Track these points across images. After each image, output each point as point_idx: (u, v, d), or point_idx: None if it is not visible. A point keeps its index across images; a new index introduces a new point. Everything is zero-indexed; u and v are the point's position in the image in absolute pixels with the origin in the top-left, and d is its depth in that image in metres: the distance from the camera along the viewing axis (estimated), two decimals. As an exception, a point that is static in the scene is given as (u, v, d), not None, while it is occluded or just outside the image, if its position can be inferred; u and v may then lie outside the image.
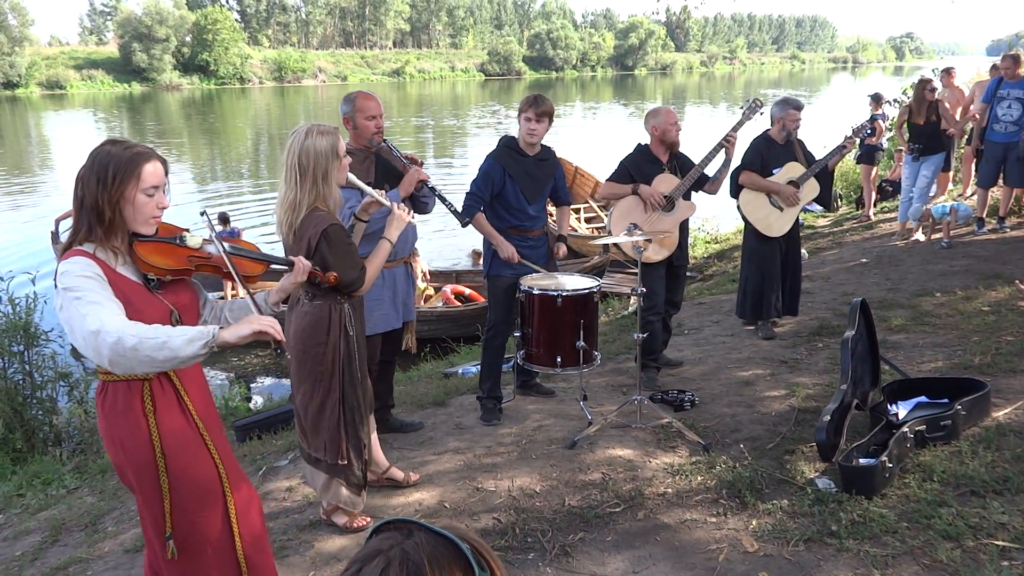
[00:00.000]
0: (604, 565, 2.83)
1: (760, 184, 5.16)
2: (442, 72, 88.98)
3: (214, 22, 66.61)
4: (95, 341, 1.93)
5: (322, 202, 2.80)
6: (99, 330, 1.92)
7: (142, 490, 2.20)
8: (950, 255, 7.10)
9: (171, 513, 2.21)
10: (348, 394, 2.97)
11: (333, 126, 2.86)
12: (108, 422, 2.16)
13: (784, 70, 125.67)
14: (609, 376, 4.97)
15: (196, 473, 2.22)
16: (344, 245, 2.82)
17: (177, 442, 2.18)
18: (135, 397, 2.14)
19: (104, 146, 2.10)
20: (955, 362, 4.45)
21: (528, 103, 4.01)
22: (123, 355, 1.92)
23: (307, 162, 2.74)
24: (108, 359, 1.95)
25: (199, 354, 1.98)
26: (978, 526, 2.77)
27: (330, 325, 2.90)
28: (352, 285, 2.86)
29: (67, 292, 1.99)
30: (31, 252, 11.80)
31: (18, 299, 5.40)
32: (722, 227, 11.55)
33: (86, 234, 2.08)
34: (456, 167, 20.58)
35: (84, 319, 1.94)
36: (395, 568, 0.85)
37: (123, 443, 2.15)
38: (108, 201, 2.05)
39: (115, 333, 1.92)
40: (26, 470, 4.73)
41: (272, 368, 7.74)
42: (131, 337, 1.92)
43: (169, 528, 2.22)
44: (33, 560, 3.43)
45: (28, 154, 25.40)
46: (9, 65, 55.75)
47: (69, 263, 2.04)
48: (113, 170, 2.04)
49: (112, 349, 1.92)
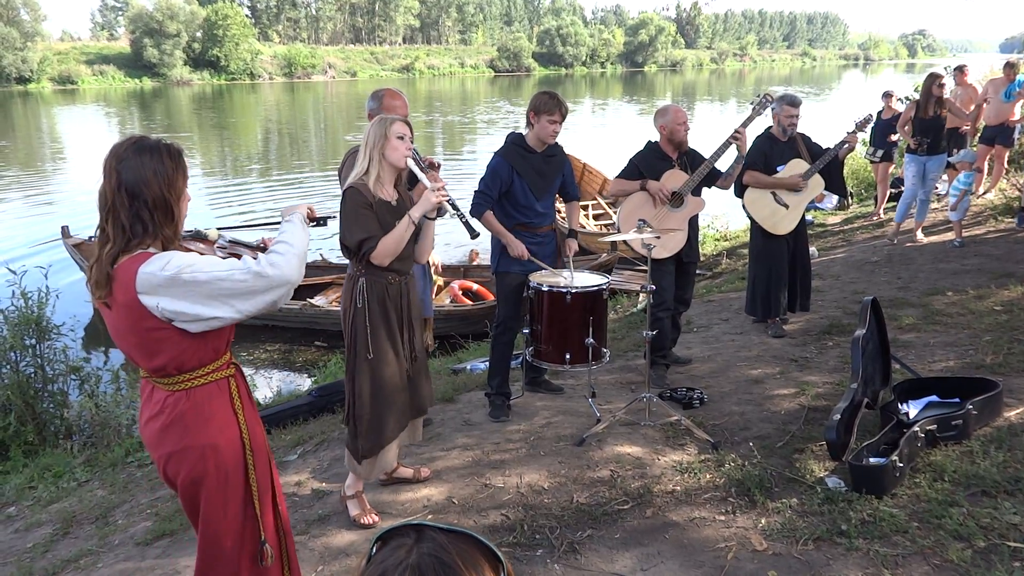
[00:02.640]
0: (612, 562, 2.83)
1: (764, 182, 5.16)
2: (451, 68, 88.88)
3: (225, 18, 66.74)
4: (272, 273, 1.94)
5: (364, 181, 3.03)
6: (268, 262, 1.95)
7: (231, 500, 2.09)
8: (962, 254, 7.05)
9: (262, 515, 2.15)
10: (359, 368, 3.09)
11: (396, 115, 3.15)
12: (192, 433, 2.03)
13: (795, 67, 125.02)
14: (618, 373, 4.97)
15: (264, 471, 2.19)
16: (352, 208, 3.00)
17: (257, 439, 2.14)
18: (223, 395, 2.08)
19: (137, 141, 1.97)
20: (967, 361, 4.42)
21: (552, 105, 3.95)
22: (300, 266, 2.01)
23: (365, 140, 3.07)
24: (290, 282, 1.97)
25: (308, 229, 2.15)
26: (989, 527, 2.76)
27: (349, 298, 3.11)
28: (361, 248, 3.01)
29: (185, 270, 1.88)
30: (43, 247, 11.86)
31: (30, 293, 5.43)
32: (732, 224, 11.49)
33: (147, 236, 1.94)
34: (465, 163, 20.58)
35: (237, 269, 1.92)
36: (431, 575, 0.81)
37: (216, 449, 2.04)
38: (174, 193, 1.97)
39: (276, 255, 1.97)
40: (37, 463, 4.76)
41: (280, 363, 7.76)
42: (285, 246, 2.01)
43: (263, 532, 2.16)
44: (44, 552, 3.45)
45: (40, 149, 25.51)
46: (21, 60, 56.01)
47: (162, 256, 1.91)
48: (169, 162, 1.96)
49: (289, 268, 1.97)
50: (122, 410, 5.31)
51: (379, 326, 3.10)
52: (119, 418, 5.23)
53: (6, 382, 5.21)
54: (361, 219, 3.00)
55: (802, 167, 5.17)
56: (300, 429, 4.67)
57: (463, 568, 0.82)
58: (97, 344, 8.30)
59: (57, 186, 17.81)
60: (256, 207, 14.83)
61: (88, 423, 5.38)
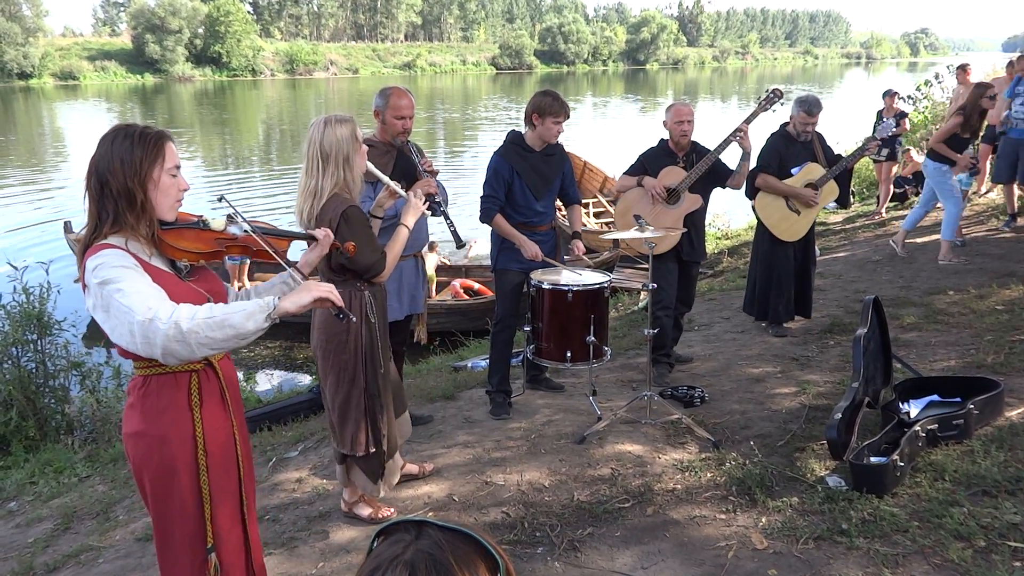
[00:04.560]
0: (613, 560, 2.83)
1: (777, 188, 5.02)
2: (453, 66, 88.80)
3: (226, 14, 66.69)
4: (146, 331, 1.78)
5: (344, 188, 2.82)
6: (152, 318, 1.77)
7: (175, 496, 2.04)
8: (963, 253, 7.03)
9: (212, 520, 2.08)
10: (371, 383, 2.98)
11: (349, 114, 2.88)
12: (147, 420, 2.01)
13: (797, 65, 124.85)
14: (619, 372, 4.97)
15: (226, 476, 2.11)
16: (363, 226, 2.84)
17: (216, 441, 2.08)
18: (181, 390, 2.03)
19: (119, 129, 1.97)
20: (968, 361, 4.42)
21: (556, 107, 3.94)
22: (180, 340, 1.78)
23: (329, 149, 2.77)
24: (162, 348, 1.79)
25: (261, 327, 1.86)
26: (990, 526, 2.76)
27: (360, 313, 2.93)
28: (372, 269, 2.88)
29: (105, 286, 1.84)
30: (44, 242, 11.88)
31: (32, 288, 5.43)
32: (733, 223, 11.49)
33: (112, 225, 1.93)
34: (466, 161, 20.56)
35: (131, 311, 1.79)
36: (423, 572, 0.81)
37: (164, 442, 2.00)
38: (139, 182, 1.92)
39: (168, 319, 1.78)
40: (38, 458, 4.77)
41: (281, 360, 7.77)
42: (186, 320, 1.78)
43: (211, 539, 2.08)
44: (45, 547, 3.46)
45: (42, 144, 25.52)
46: (23, 56, 55.99)
47: (101, 256, 1.88)
48: (139, 150, 1.93)
49: (167, 336, 1.77)
50: (123, 406, 5.29)
51: (385, 337, 3.07)
52: (120, 414, 5.23)
53: (8, 377, 5.22)
54: (372, 239, 2.89)
55: (818, 172, 5.02)
56: (301, 426, 4.68)
57: (456, 567, 0.82)
58: (98, 340, 8.29)
59: (59, 182, 17.82)
60: (256, 203, 14.83)
61: (89, 419, 5.39)
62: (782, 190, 5.03)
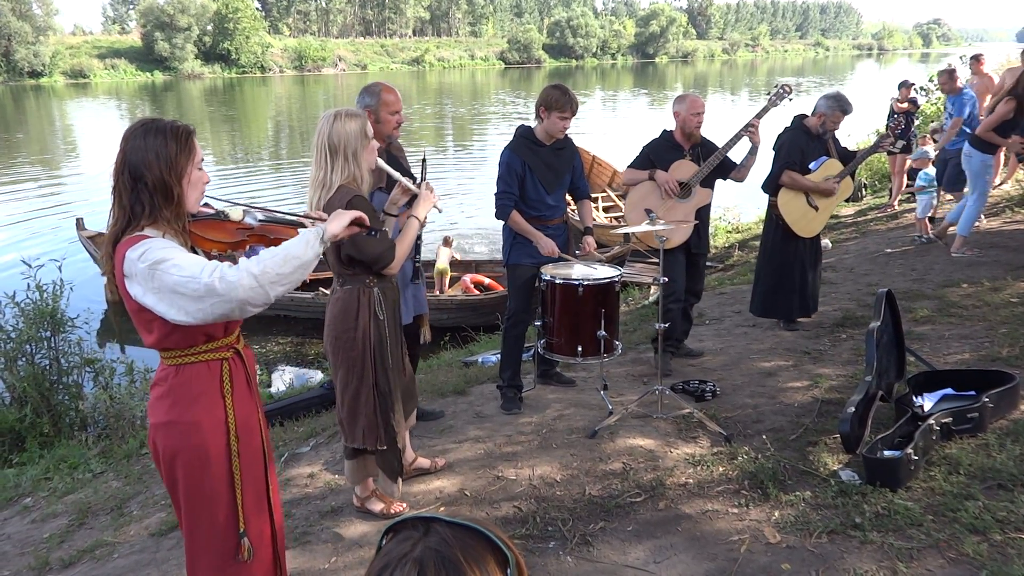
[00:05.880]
0: (625, 555, 2.83)
1: (803, 185, 5.00)
2: (461, 60, 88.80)
3: (235, 11, 66.92)
4: (219, 289, 1.80)
5: (352, 182, 2.83)
6: (220, 276, 1.80)
7: (208, 482, 2.06)
8: (977, 245, 6.96)
9: (243, 506, 2.10)
10: (380, 380, 2.98)
11: (360, 110, 2.89)
12: (179, 408, 2.03)
13: (808, 57, 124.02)
14: (629, 366, 4.96)
15: (255, 461, 2.15)
16: (370, 216, 2.82)
17: (246, 427, 2.11)
18: (214, 378, 2.06)
19: (148, 123, 1.97)
20: (982, 354, 4.38)
21: (563, 102, 3.92)
22: (254, 287, 1.81)
23: (337, 142, 2.78)
24: (240, 300, 1.81)
25: (318, 253, 1.94)
26: (1005, 520, 2.74)
27: (359, 309, 2.93)
28: (380, 259, 2.88)
29: (158, 266, 1.83)
30: (57, 239, 11.96)
31: (45, 285, 5.47)
32: (744, 216, 11.44)
33: (147, 220, 1.93)
34: (475, 156, 20.55)
35: (194, 278, 1.80)
36: (432, 570, 0.81)
37: (198, 429, 2.03)
38: (176, 176, 1.93)
39: (237, 271, 1.81)
40: (53, 454, 4.81)
41: (293, 356, 7.79)
42: (253, 265, 1.82)
43: (243, 524, 2.10)
44: (60, 542, 3.49)
45: (53, 142, 25.68)
46: (33, 54, 56.40)
47: (144, 244, 1.87)
48: (173, 144, 1.93)
49: (241, 286, 1.80)
50: (136, 402, 5.34)
51: (395, 334, 3.06)
52: (133, 410, 5.27)
53: (22, 374, 5.26)
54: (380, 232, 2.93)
55: (836, 168, 5.02)
56: (312, 421, 4.69)
57: (465, 564, 0.82)
58: (111, 336, 8.36)
59: (71, 179, 17.94)
60: (264, 198, 14.87)
61: (103, 415, 5.43)
62: (807, 186, 5.01)
